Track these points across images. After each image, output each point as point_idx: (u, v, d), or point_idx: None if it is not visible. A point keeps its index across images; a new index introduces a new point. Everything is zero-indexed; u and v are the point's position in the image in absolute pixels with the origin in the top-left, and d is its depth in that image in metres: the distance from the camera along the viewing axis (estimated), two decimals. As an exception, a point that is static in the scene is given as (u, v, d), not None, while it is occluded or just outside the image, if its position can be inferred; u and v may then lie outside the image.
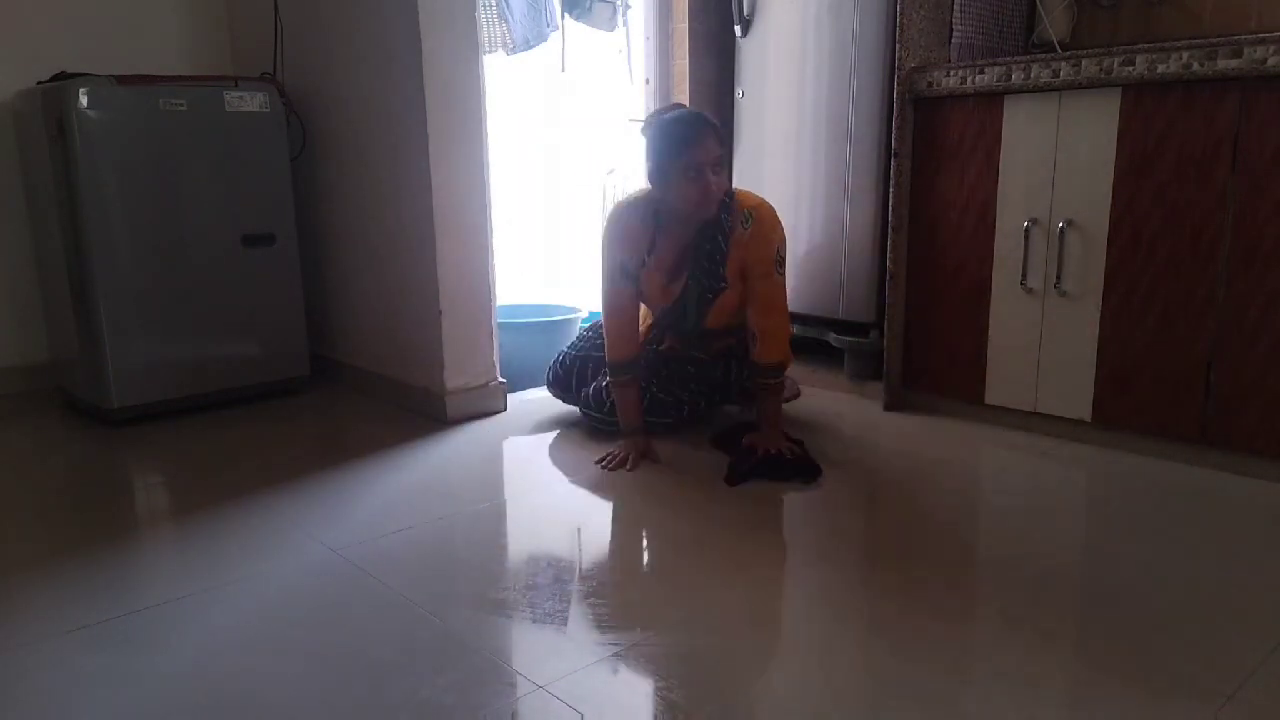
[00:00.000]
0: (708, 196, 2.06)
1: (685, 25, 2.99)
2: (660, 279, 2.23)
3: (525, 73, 2.99)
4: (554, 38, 2.88)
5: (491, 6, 2.70)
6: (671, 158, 2.05)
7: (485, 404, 2.54)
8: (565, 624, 1.43)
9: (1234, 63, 1.85)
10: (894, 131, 2.40)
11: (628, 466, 2.11)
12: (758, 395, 2.20)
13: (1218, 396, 1.98)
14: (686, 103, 3.02)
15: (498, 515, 1.88)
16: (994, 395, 2.34)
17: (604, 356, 2.29)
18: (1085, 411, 2.18)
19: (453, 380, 2.46)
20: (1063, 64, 2.08)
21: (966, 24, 2.45)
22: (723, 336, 2.32)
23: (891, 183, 2.42)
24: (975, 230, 2.31)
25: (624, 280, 2.20)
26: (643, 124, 2.17)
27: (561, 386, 2.50)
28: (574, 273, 3.65)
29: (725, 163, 2.15)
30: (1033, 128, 2.17)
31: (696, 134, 2.05)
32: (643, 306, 2.34)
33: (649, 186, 2.17)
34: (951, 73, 2.27)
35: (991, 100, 2.23)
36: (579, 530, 1.81)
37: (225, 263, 2.57)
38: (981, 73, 2.21)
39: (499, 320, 2.58)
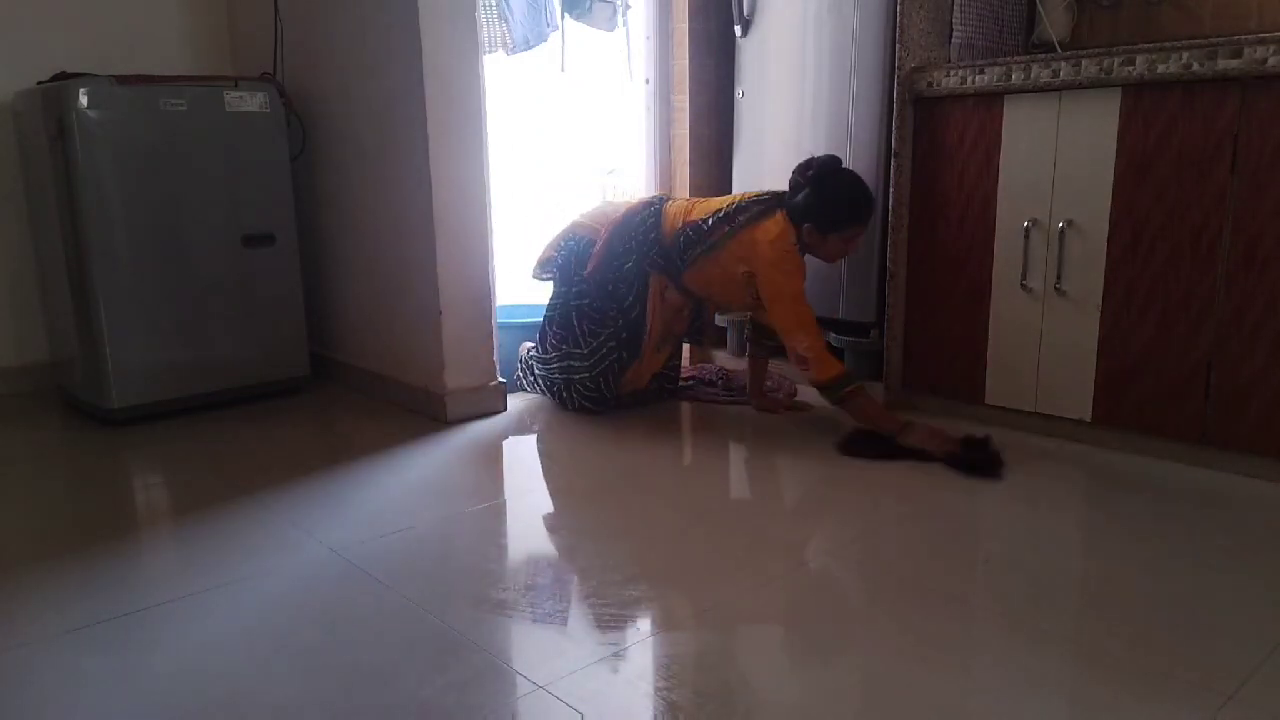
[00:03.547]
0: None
1: (685, 25, 2.99)
2: None
3: (525, 73, 2.99)
4: (554, 38, 2.88)
5: (491, 6, 2.70)
6: (855, 221, 2.28)
7: (485, 404, 2.54)
8: (565, 624, 1.43)
9: (1234, 63, 1.85)
10: (894, 131, 2.40)
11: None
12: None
13: (1218, 396, 1.98)
14: (687, 103, 3.03)
15: (498, 515, 1.88)
16: (994, 395, 2.34)
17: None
18: (1085, 411, 2.18)
19: (452, 380, 2.46)
20: (1063, 64, 2.08)
21: (966, 24, 2.45)
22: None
23: (891, 183, 2.42)
24: (975, 230, 2.31)
25: None
26: (821, 167, 2.28)
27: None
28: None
29: None
30: (1033, 128, 2.17)
31: (873, 213, 2.35)
32: (678, 297, 2.52)
33: (789, 213, 2.29)
34: (951, 73, 2.27)
35: (991, 100, 2.23)
36: (579, 530, 1.81)
37: (225, 263, 2.57)
38: (981, 73, 2.21)
39: (499, 320, 2.58)
